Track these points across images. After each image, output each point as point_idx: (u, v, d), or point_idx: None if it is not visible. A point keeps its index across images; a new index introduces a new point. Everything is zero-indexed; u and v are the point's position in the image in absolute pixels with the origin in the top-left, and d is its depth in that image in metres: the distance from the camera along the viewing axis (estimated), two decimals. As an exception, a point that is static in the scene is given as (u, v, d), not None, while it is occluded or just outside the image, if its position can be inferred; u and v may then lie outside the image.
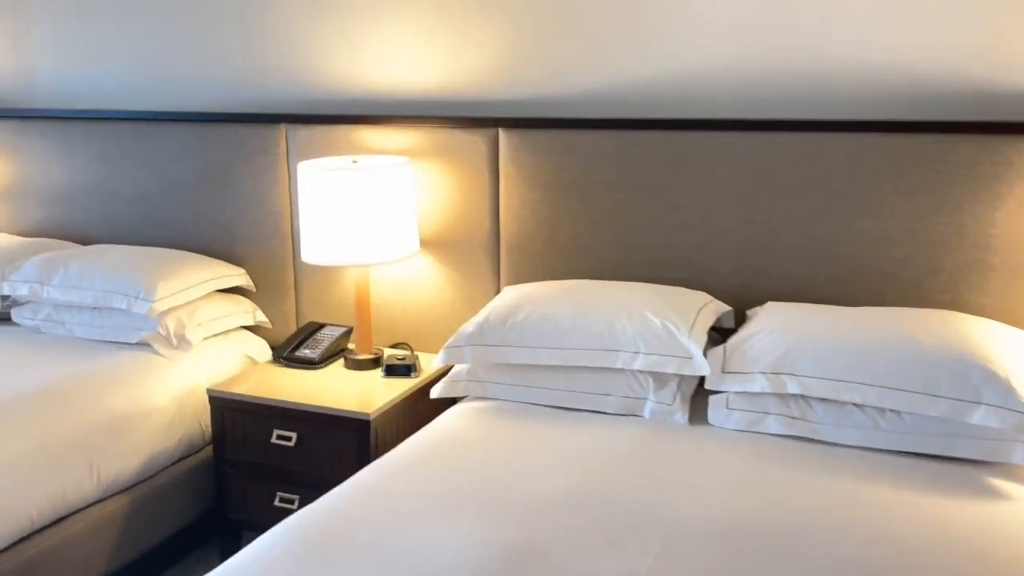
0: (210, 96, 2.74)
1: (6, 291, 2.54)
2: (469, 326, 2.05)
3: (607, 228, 2.27)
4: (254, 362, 2.61)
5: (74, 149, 2.88)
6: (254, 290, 2.71)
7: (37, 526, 1.92)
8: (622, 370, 1.94)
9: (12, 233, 3.04)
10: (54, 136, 2.90)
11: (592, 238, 2.29)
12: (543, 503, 1.54)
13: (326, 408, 2.12)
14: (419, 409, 2.31)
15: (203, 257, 2.65)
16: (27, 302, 2.59)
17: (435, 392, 2.11)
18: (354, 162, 2.33)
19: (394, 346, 2.56)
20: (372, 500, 1.57)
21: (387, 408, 2.15)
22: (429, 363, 2.40)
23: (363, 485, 1.63)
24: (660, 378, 1.93)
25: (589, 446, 1.79)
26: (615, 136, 2.22)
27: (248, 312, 2.64)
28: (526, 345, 1.99)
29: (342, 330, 2.50)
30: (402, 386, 2.26)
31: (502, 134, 2.33)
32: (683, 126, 2.16)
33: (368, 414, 2.08)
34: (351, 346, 2.52)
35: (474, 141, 2.37)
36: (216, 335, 2.55)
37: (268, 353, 2.67)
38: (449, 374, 2.11)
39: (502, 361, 2.01)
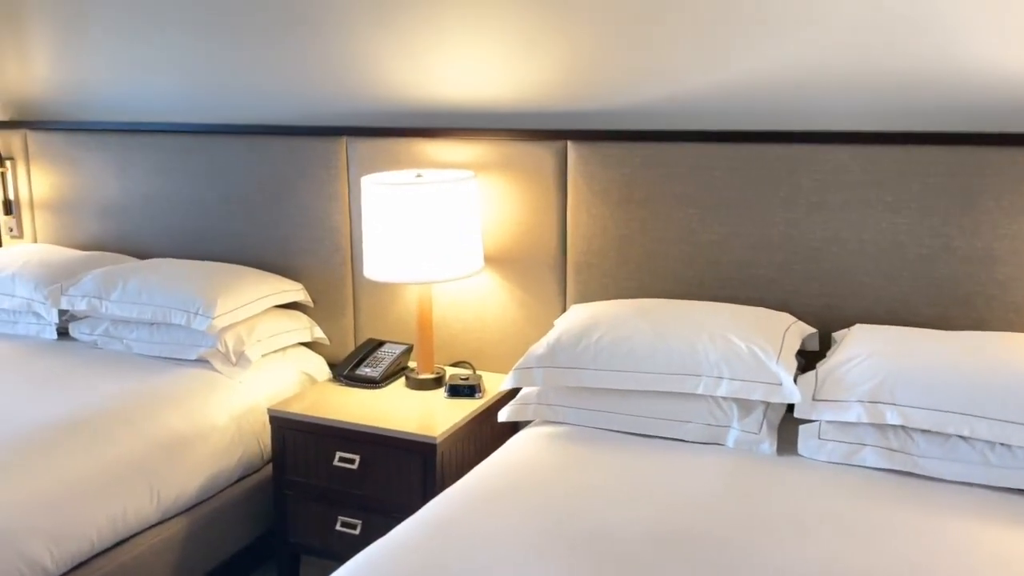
0: (269, 108, 2.70)
1: (64, 305, 2.52)
2: (539, 347, 1.97)
3: (682, 245, 2.17)
4: (312, 380, 2.55)
5: (132, 162, 2.86)
6: (312, 306, 2.66)
7: (98, 549, 1.87)
8: (703, 396, 1.84)
9: (68, 245, 3.04)
10: (112, 149, 2.89)
11: (666, 256, 2.19)
12: (634, 541, 1.44)
13: (390, 431, 2.05)
14: (483, 432, 2.23)
15: (261, 272, 2.61)
16: (85, 317, 2.57)
17: (503, 416, 2.03)
18: (418, 176, 2.26)
19: (454, 365, 2.48)
20: (450, 536, 1.48)
21: (452, 431, 2.07)
22: (492, 383, 2.32)
23: (438, 518, 1.55)
24: (745, 405, 1.82)
25: (674, 478, 1.68)
26: (692, 149, 2.12)
27: (306, 328, 2.59)
28: (600, 368, 1.90)
29: (402, 348, 2.43)
30: (466, 408, 2.18)
31: (571, 147, 2.25)
32: (765, 138, 2.06)
33: (434, 438, 2.01)
34: (411, 365, 2.45)
35: (541, 154, 2.29)
36: (274, 352, 2.50)
37: (326, 370, 2.62)
38: (517, 397, 2.03)
39: (574, 384, 1.92)
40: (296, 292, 2.61)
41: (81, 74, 2.98)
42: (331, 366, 2.65)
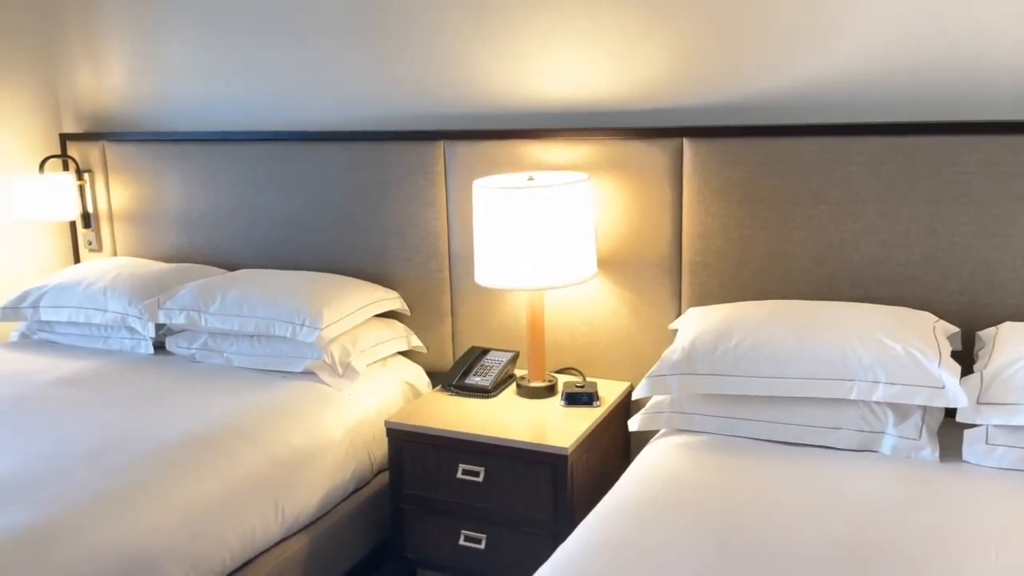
0: (361, 114, 2.65)
1: (162, 319, 2.47)
2: (674, 353, 1.90)
3: (810, 244, 2.09)
4: (414, 389, 2.50)
5: (216, 171, 2.82)
6: (408, 314, 2.60)
7: (229, 569, 1.83)
8: (854, 401, 1.77)
9: (147, 257, 3.00)
10: (195, 159, 2.84)
11: (792, 255, 2.12)
12: (812, 555, 1.38)
13: (517, 442, 1.98)
14: (603, 441, 2.17)
15: (360, 281, 2.55)
16: (182, 330, 2.53)
17: (634, 425, 1.96)
18: (530, 179, 2.20)
19: (561, 371, 2.42)
20: (624, 555, 1.42)
21: (580, 441, 2.01)
22: (606, 391, 2.26)
23: (605, 537, 1.48)
24: (900, 410, 1.75)
25: (836, 487, 1.61)
26: (822, 143, 2.05)
27: (403, 337, 2.54)
28: (740, 374, 1.83)
29: (509, 355, 2.37)
30: (586, 417, 2.11)
31: (687, 144, 2.18)
32: (904, 130, 1.98)
33: (565, 449, 1.94)
34: (518, 372, 2.40)
35: (654, 152, 2.22)
36: (375, 362, 2.45)
37: (425, 379, 2.56)
38: (649, 405, 1.96)
39: (712, 392, 1.85)
40: (393, 300, 2.55)
41: (160, 84, 2.94)
42: (429, 375, 2.60)
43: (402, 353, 2.60)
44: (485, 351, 2.41)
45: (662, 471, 1.74)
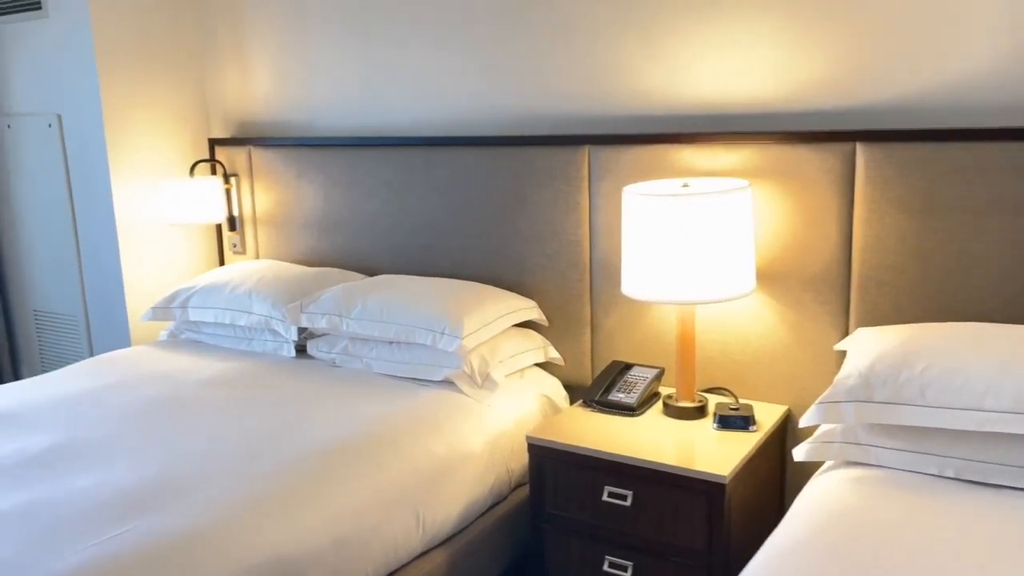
0: (504, 117, 2.59)
1: (304, 323, 2.49)
2: (850, 378, 1.73)
3: (1004, 259, 1.88)
4: (551, 402, 2.41)
5: (358, 177, 2.83)
6: (546, 324, 2.52)
7: (371, 582, 1.79)
8: (1065, 440, 1.55)
9: (289, 261, 3.05)
10: (338, 164, 2.86)
11: (980, 271, 1.91)
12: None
13: (670, 466, 1.86)
14: (759, 469, 2.01)
15: (498, 289, 2.50)
16: (323, 334, 2.53)
17: (800, 455, 1.80)
18: (685, 186, 2.08)
19: (709, 391, 2.28)
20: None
21: (738, 469, 1.86)
22: (761, 414, 2.10)
23: (784, 578, 1.35)
24: (1124, 454, 1.52)
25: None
26: (1018, 148, 1.83)
27: (541, 348, 2.46)
28: (928, 404, 1.64)
29: (654, 372, 2.25)
30: (742, 442, 1.97)
31: (860, 149, 2.00)
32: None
33: (723, 476, 1.81)
34: (661, 390, 2.27)
35: (822, 158, 2.05)
36: (512, 373, 2.38)
37: (563, 393, 2.47)
38: (818, 434, 1.80)
39: (895, 422, 1.67)
40: (530, 310, 2.48)
41: (304, 90, 2.99)
42: (566, 388, 2.51)
43: (538, 365, 2.52)
44: (628, 366, 2.30)
45: (838, 507, 1.58)
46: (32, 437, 1.98)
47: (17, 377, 3.50)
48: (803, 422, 1.78)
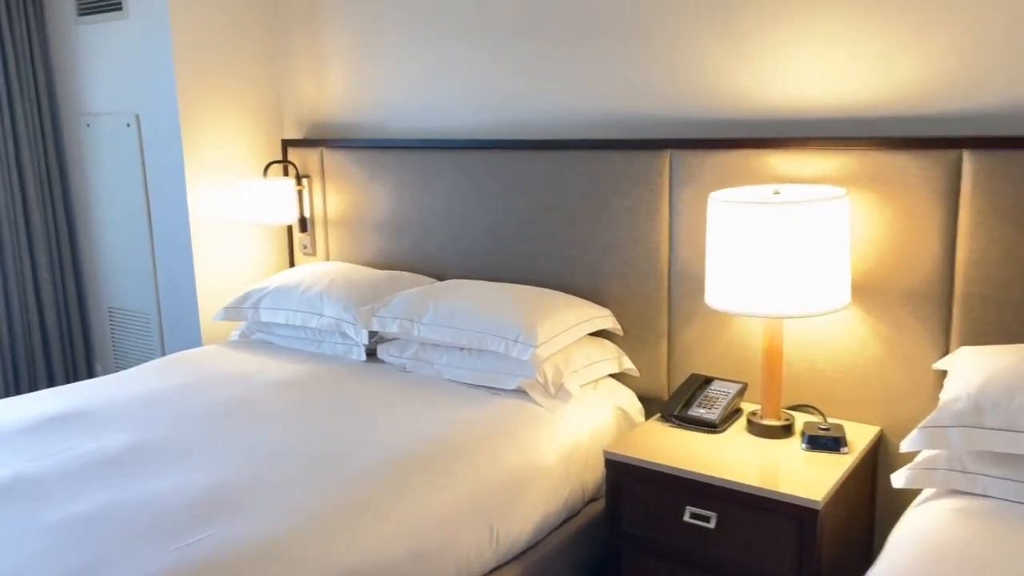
0: (578, 122, 2.53)
1: (375, 327, 2.46)
2: (957, 402, 1.62)
3: None
4: (627, 415, 2.34)
5: (429, 179, 2.80)
6: (620, 334, 2.44)
7: (444, 598, 1.74)
8: None
9: (358, 263, 3.03)
10: (409, 166, 2.84)
11: (1100, 290, 1.77)
12: None
13: (757, 488, 1.77)
14: (850, 493, 1.91)
15: (572, 297, 2.43)
16: (394, 339, 2.50)
17: (900, 481, 1.69)
18: (776, 193, 1.98)
19: (794, 408, 2.18)
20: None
21: (831, 494, 1.76)
22: (853, 435, 1.99)
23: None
24: None
25: None
26: None
27: (615, 358, 2.38)
28: (1046, 432, 1.52)
29: (736, 387, 2.15)
30: (833, 465, 1.86)
31: (967, 157, 1.88)
32: None
33: (817, 502, 1.71)
34: (743, 406, 2.18)
35: (925, 166, 1.94)
36: (586, 383, 2.31)
37: (638, 405, 2.39)
38: (920, 460, 1.68)
39: (1007, 450, 1.55)
40: (605, 319, 2.40)
41: (376, 92, 2.97)
42: (641, 400, 2.43)
43: (612, 376, 2.45)
44: (708, 380, 2.21)
45: (942, 540, 1.47)
46: (108, 437, 1.99)
47: (91, 373, 3.56)
48: (905, 446, 1.67)
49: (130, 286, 3.27)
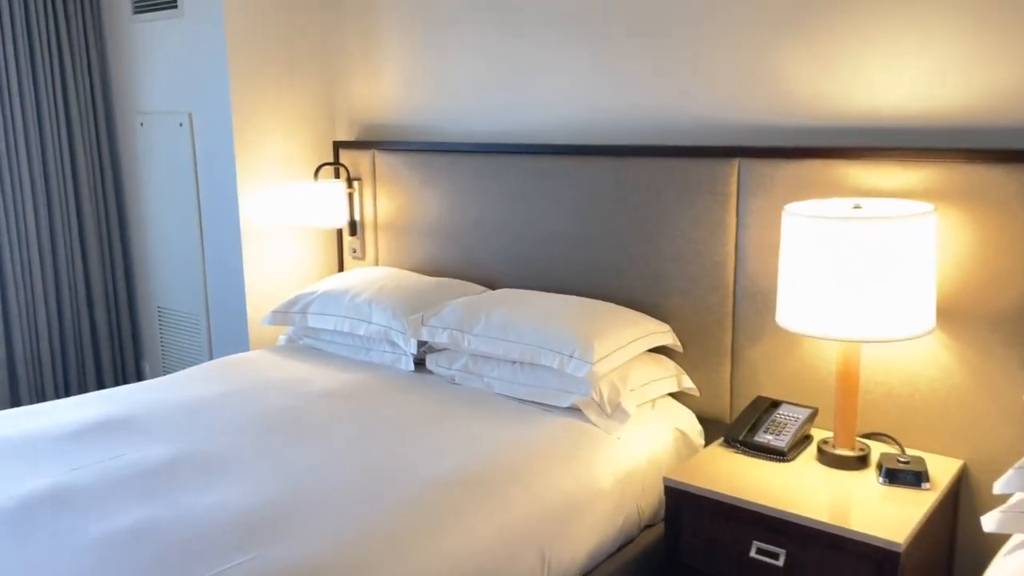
0: (642, 125, 2.42)
1: (425, 337, 2.38)
2: (1061, 442, 1.47)
3: None
4: (687, 438, 2.22)
5: (484, 184, 2.71)
6: (680, 351, 2.33)
7: (491, 629, 1.65)
8: None
9: (408, 268, 2.96)
10: (463, 170, 2.75)
11: None
12: None
13: (832, 526, 1.64)
14: (932, 533, 1.76)
15: (629, 311, 2.32)
16: (443, 349, 2.42)
17: (991, 525, 1.54)
18: (856, 207, 1.85)
19: (868, 436, 2.04)
20: None
21: (914, 535, 1.63)
22: (934, 468, 1.85)
23: None
24: None
25: None
26: None
27: (674, 377, 2.27)
28: None
29: (807, 412, 2.02)
30: (915, 502, 1.72)
31: (1071, 173, 1.73)
32: None
33: (898, 544, 1.58)
34: (814, 433, 2.05)
35: (1021, 180, 1.79)
36: (643, 403, 2.20)
37: (698, 427, 2.27)
38: (1013, 501, 1.54)
39: (1118, 497, 1.41)
40: (664, 335, 2.29)
41: (430, 94, 2.90)
42: (701, 422, 2.31)
43: (671, 395, 2.33)
44: (776, 403, 2.08)
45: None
46: (151, 446, 1.94)
47: (139, 372, 3.56)
48: (999, 488, 1.52)
49: (180, 286, 3.25)
